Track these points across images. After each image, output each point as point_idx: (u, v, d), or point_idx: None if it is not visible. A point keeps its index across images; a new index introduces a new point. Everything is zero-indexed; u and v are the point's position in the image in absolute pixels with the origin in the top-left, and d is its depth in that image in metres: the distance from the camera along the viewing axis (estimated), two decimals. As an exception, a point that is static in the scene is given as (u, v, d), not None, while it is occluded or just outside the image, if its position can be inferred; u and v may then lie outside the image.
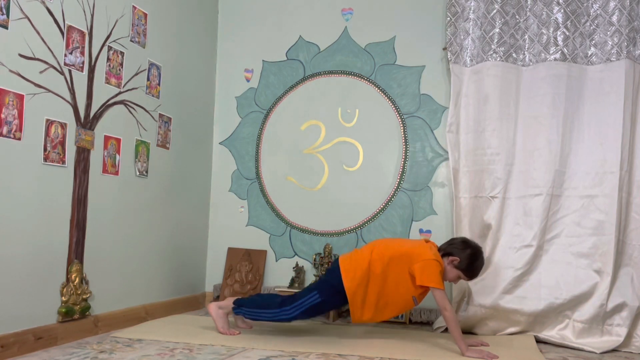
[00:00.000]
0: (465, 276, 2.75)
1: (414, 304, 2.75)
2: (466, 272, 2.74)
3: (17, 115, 2.28)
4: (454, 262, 2.71)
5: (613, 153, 3.00)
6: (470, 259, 2.73)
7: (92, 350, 2.37)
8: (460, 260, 2.71)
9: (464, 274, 2.74)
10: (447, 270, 2.72)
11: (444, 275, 2.71)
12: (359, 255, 2.76)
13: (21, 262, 2.31)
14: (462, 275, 2.75)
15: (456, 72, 3.32)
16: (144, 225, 3.14)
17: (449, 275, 2.74)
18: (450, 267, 2.72)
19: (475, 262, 2.75)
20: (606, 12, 3.10)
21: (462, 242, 2.79)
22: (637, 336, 2.89)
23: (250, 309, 2.80)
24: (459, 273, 2.73)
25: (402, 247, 2.74)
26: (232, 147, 3.91)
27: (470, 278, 2.79)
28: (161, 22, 3.26)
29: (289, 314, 2.72)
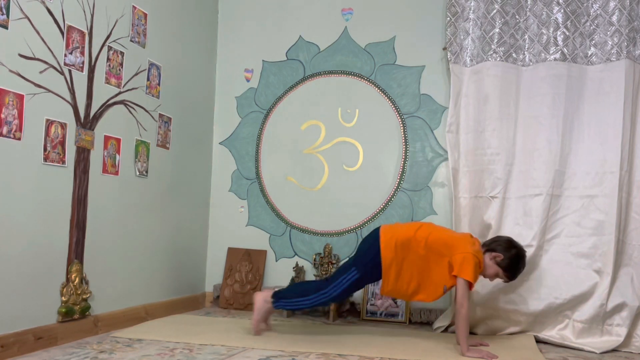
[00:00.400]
0: (504, 275, 2.73)
1: (442, 294, 2.72)
2: (507, 271, 2.72)
3: (17, 115, 2.28)
4: (497, 259, 2.71)
5: (613, 153, 3.00)
6: (514, 259, 2.72)
7: (92, 350, 2.37)
8: (503, 258, 2.70)
9: (503, 272, 2.72)
10: (487, 265, 2.71)
11: (483, 271, 2.72)
12: (402, 230, 2.73)
13: (21, 262, 2.31)
14: (501, 274, 2.73)
15: (456, 72, 3.32)
16: (144, 225, 3.14)
17: (488, 271, 2.73)
18: (491, 263, 2.71)
19: (518, 264, 2.74)
20: (606, 12, 3.10)
21: (508, 241, 2.78)
22: (637, 336, 2.89)
23: (291, 300, 2.75)
24: (499, 271, 2.72)
25: (447, 236, 2.75)
26: (232, 147, 3.91)
27: (509, 278, 2.76)
28: (161, 22, 3.26)
29: (328, 294, 2.69)
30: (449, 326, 3.19)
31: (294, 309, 2.77)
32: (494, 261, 2.72)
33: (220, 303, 3.72)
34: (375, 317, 3.45)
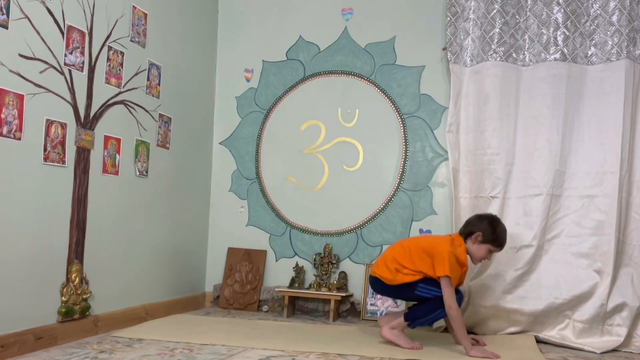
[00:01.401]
0: (493, 246, 2.74)
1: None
2: (493, 241, 2.73)
3: (17, 115, 2.28)
4: (479, 238, 2.72)
5: (613, 153, 3.00)
6: (492, 228, 2.74)
7: (92, 350, 2.37)
8: (482, 233, 2.71)
9: (492, 245, 2.73)
10: (474, 250, 2.73)
11: (475, 256, 2.74)
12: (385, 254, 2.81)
13: (21, 262, 2.31)
14: (492, 247, 2.74)
15: (456, 72, 3.32)
16: (144, 225, 3.13)
17: (479, 254, 2.74)
18: (476, 246, 2.73)
19: (497, 228, 2.76)
20: (606, 12, 3.10)
21: (476, 217, 2.82)
22: (637, 336, 2.89)
23: (427, 319, 2.70)
24: (487, 247, 2.73)
25: (426, 242, 2.79)
26: (232, 147, 3.91)
27: (499, 247, 2.76)
28: (161, 22, 3.26)
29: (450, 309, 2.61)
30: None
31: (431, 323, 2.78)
32: (478, 242, 2.73)
33: (220, 303, 3.72)
34: (375, 317, 3.45)
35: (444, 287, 2.61)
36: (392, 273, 2.71)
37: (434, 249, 2.67)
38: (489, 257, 2.82)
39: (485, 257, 2.77)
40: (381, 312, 3.45)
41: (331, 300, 3.42)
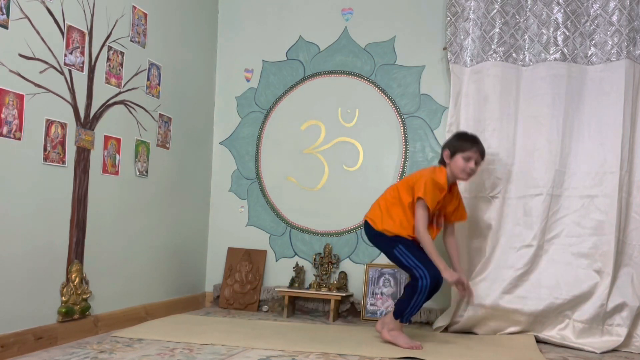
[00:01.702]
0: (463, 152, 2.79)
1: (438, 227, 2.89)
2: (459, 148, 2.81)
3: (17, 115, 2.28)
4: (448, 154, 2.83)
5: (613, 153, 3.00)
6: (452, 137, 2.90)
7: (92, 350, 2.37)
8: (447, 147, 2.84)
9: (460, 152, 2.79)
10: (452, 167, 2.80)
11: (457, 174, 2.80)
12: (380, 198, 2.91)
13: (21, 262, 2.31)
14: (462, 154, 2.79)
15: (456, 72, 3.32)
16: (144, 225, 3.14)
17: (457, 168, 2.79)
18: (452, 162, 2.81)
19: (457, 135, 2.90)
20: (606, 12, 3.10)
21: (444, 144, 2.94)
22: (637, 336, 2.89)
23: (411, 308, 2.70)
24: (459, 156, 2.79)
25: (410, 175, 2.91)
26: (232, 147, 3.91)
27: (467, 150, 2.79)
28: (161, 22, 3.26)
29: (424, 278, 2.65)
30: (448, 326, 3.19)
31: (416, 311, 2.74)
32: (451, 158, 2.82)
33: (220, 303, 3.72)
34: (375, 317, 3.45)
35: (417, 208, 2.72)
36: (381, 212, 2.82)
37: (415, 179, 2.80)
38: (473, 168, 2.81)
39: (467, 169, 2.80)
40: (381, 312, 3.45)
41: (331, 300, 3.42)
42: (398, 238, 2.78)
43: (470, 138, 2.88)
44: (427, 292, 2.67)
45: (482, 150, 2.87)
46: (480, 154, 2.85)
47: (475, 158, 2.83)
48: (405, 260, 2.74)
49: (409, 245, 2.76)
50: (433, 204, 2.73)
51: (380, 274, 3.53)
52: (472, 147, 2.83)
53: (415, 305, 2.71)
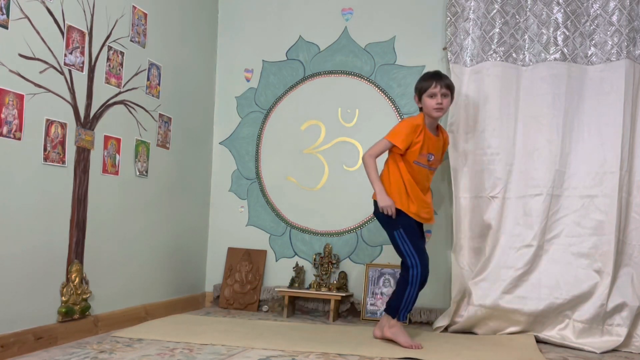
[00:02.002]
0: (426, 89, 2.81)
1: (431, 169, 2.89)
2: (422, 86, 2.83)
3: (17, 115, 2.28)
4: (416, 98, 2.89)
5: (613, 153, 3.00)
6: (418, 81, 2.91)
7: (92, 350, 2.37)
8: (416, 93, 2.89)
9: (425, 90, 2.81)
10: (424, 107, 2.84)
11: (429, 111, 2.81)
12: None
13: (21, 262, 2.31)
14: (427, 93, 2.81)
15: (456, 72, 3.32)
16: (144, 225, 3.14)
17: (428, 109, 2.81)
18: (423, 106, 2.85)
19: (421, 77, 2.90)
20: (606, 12, 3.10)
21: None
22: (637, 336, 2.89)
23: (404, 303, 2.73)
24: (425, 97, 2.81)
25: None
26: (232, 147, 3.91)
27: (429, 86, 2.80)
28: (161, 22, 3.26)
29: (414, 264, 2.71)
30: (448, 326, 3.19)
31: (411, 306, 2.75)
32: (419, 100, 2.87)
33: (220, 303, 3.72)
34: (375, 317, 3.45)
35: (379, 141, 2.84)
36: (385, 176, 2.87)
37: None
38: (440, 102, 2.79)
39: (434, 105, 2.79)
40: (381, 312, 3.45)
41: (331, 300, 3.42)
42: (401, 220, 2.76)
43: (430, 75, 2.86)
44: (418, 283, 2.71)
45: (445, 83, 2.82)
46: (443, 86, 2.80)
47: (441, 92, 2.79)
48: (402, 245, 2.75)
49: (410, 231, 2.76)
50: (401, 141, 2.76)
51: (380, 274, 3.53)
52: (432, 82, 2.80)
53: (409, 300, 2.72)
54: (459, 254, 3.26)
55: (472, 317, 3.08)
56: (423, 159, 2.81)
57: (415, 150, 2.77)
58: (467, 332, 3.13)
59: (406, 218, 2.78)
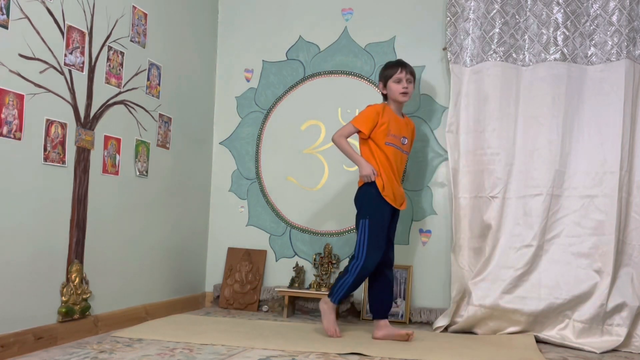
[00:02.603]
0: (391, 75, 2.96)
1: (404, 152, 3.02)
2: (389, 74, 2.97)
3: (17, 115, 2.28)
4: (381, 85, 3.03)
5: (613, 153, 3.00)
6: (382, 69, 3.05)
7: (92, 350, 2.37)
8: (381, 80, 3.02)
9: (390, 77, 2.97)
10: (391, 96, 2.99)
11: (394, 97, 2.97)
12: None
13: (21, 262, 2.31)
14: (393, 79, 2.96)
15: (456, 72, 3.32)
16: (144, 225, 3.14)
17: (394, 94, 2.96)
18: (389, 92, 2.99)
19: (386, 65, 3.05)
20: (606, 12, 3.10)
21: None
22: (637, 336, 2.89)
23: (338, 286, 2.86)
24: (391, 82, 2.96)
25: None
26: (232, 147, 3.91)
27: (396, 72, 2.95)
28: (161, 22, 3.26)
29: (360, 258, 2.82)
30: (448, 326, 3.19)
31: (346, 292, 2.87)
32: (386, 88, 3.00)
33: (220, 303, 3.72)
34: (375, 317, 3.45)
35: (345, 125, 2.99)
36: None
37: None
38: (406, 87, 2.96)
39: (401, 90, 2.95)
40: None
41: (331, 300, 3.42)
42: (373, 212, 2.87)
43: (395, 62, 3.03)
44: (356, 274, 2.81)
45: (410, 69, 3.00)
46: (408, 72, 2.98)
47: (406, 77, 2.97)
48: (361, 235, 2.86)
49: (375, 227, 2.85)
50: (364, 125, 2.90)
51: (380, 274, 3.52)
52: (399, 68, 2.97)
53: (344, 286, 2.84)
54: (459, 254, 3.26)
55: (472, 317, 3.09)
56: (396, 141, 2.94)
57: (383, 131, 2.91)
58: (467, 332, 3.13)
59: (379, 211, 2.88)
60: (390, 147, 2.91)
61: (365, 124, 2.89)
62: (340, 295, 2.87)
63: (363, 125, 2.90)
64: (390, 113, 2.96)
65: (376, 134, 2.90)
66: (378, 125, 2.90)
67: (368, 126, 2.89)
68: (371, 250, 2.82)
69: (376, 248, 2.83)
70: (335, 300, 2.88)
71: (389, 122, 2.91)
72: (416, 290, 3.49)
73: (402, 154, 2.99)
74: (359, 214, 2.93)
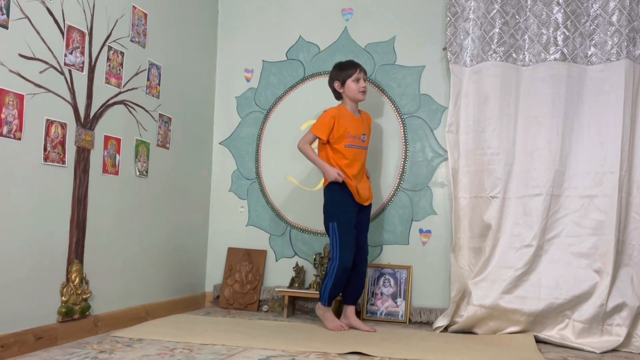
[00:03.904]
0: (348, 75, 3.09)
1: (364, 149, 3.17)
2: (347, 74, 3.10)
3: (17, 115, 2.28)
4: (337, 85, 3.14)
5: (613, 153, 3.00)
6: (337, 69, 3.16)
7: (92, 350, 2.37)
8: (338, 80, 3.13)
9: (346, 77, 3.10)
10: (348, 95, 3.12)
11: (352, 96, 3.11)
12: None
13: (21, 262, 2.31)
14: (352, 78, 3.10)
15: (456, 72, 3.32)
16: (144, 225, 3.14)
17: (353, 92, 3.11)
18: (346, 91, 3.12)
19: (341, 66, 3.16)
20: (606, 12, 3.10)
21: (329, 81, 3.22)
22: (637, 336, 2.89)
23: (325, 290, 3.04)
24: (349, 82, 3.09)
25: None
26: (232, 147, 3.91)
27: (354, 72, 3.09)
28: (161, 22, 3.26)
29: (335, 258, 2.99)
30: (448, 326, 3.19)
31: (331, 292, 3.04)
32: (344, 87, 3.12)
33: (220, 303, 3.72)
34: (375, 317, 3.45)
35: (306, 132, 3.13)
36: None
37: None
38: (364, 85, 3.12)
39: (360, 88, 3.10)
40: (381, 312, 3.45)
41: (331, 300, 3.42)
42: (340, 213, 3.04)
43: (350, 63, 3.18)
44: (334, 275, 2.98)
45: (364, 69, 3.18)
46: (363, 71, 3.16)
47: (363, 76, 3.14)
48: (332, 237, 3.03)
49: (343, 227, 3.01)
50: (322, 132, 3.06)
51: (380, 274, 3.53)
52: (355, 68, 3.12)
53: (327, 288, 3.00)
54: (459, 254, 3.26)
55: (472, 317, 3.09)
56: (356, 141, 3.11)
57: (342, 135, 3.06)
58: (467, 332, 3.13)
59: (345, 212, 3.05)
60: (353, 149, 3.09)
61: (323, 131, 3.06)
62: (327, 297, 3.03)
63: (320, 131, 3.07)
64: (346, 114, 3.11)
65: (335, 138, 3.07)
66: (335, 129, 3.05)
67: (325, 132, 3.06)
68: (343, 250, 2.99)
69: (348, 247, 3.00)
70: (325, 303, 3.04)
71: (347, 124, 3.07)
72: (416, 290, 3.49)
73: (363, 151, 3.17)
74: (326, 218, 3.11)
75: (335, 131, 3.06)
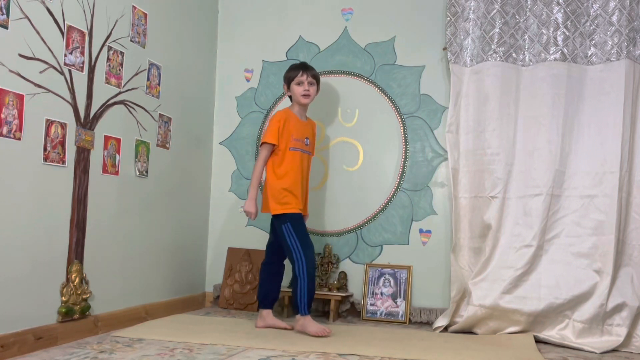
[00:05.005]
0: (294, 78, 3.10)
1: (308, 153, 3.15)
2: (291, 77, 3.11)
3: (17, 115, 2.28)
4: (285, 87, 3.17)
5: (613, 153, 3.00)
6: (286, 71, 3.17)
7: (92, 350, 2.37)
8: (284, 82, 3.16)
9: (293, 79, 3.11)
10: (294, 98, 3.13)
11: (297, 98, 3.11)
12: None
13: (21, 262, 2.31)
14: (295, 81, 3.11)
15: (456, 72, 3.32)
16: (144, 225, 3.14)
17: (297, 95, 3.11)
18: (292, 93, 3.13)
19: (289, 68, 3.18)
20: (606, 12, 3.10)
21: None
22: (637, 336, 2.89)
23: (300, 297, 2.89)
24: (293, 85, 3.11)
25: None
26: (232, 147, 3.91)
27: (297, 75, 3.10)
28: (161, 22, 3.26)
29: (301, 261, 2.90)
30: (448, 326, 3.19)
31: (307, 297, 2.90)
32: (290, 90, 3.14)
33: (220, 303, 3.72)
34: (375, 317, 3.45)
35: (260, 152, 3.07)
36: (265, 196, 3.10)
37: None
38: (307, 89, 3.10)
39: (302, 92, 3.09)
40: (381, 312, 3.45)
41: (331, 300, 3.42)
42: (289, 215, 2.97)
43: (298, 65, 3.17)
44: (306, 277, 2.87)
45: (312, 73, 3.14)
46: (310, 76, 3.12)
47: (308, 80, 3.10)
48: (289, 239, 2.94)
49: (297, 225, 2.96)
50: (273, 137, 3.01)
51: (380, 274, 3.53)
52: (299, 71, 3.10)
53: (302, 293, 2.88)
54: (459, 254, 3.26)
55: (472, 317, 3.09)
56: (299, 144, 3.07)
57: (288, 137, 3.03)
58: (466, 332, 3.13)
59: (294, 212, 2.99)
60: (297, 152, 3.05)
61: (273, 136, 3.01)
62: (305, 304, 2.89)
63: (270, 138, 3.01)
64: (292, 117, 3.09)
65: (281, 141, 3.03)
66: (281, 132, 3.02)
67: (275, 136, 3.01)
68: (305, 247, 2.92)
69: (308, 243, 2.95)
70: (304, 312, 2.89)
71: (293, 126, 3.06)
72: (416, 290, 3.49)
73: (307, 156, 3.14)
74: (279, 223, 3.00)
75: (282, 133, 3.03)
